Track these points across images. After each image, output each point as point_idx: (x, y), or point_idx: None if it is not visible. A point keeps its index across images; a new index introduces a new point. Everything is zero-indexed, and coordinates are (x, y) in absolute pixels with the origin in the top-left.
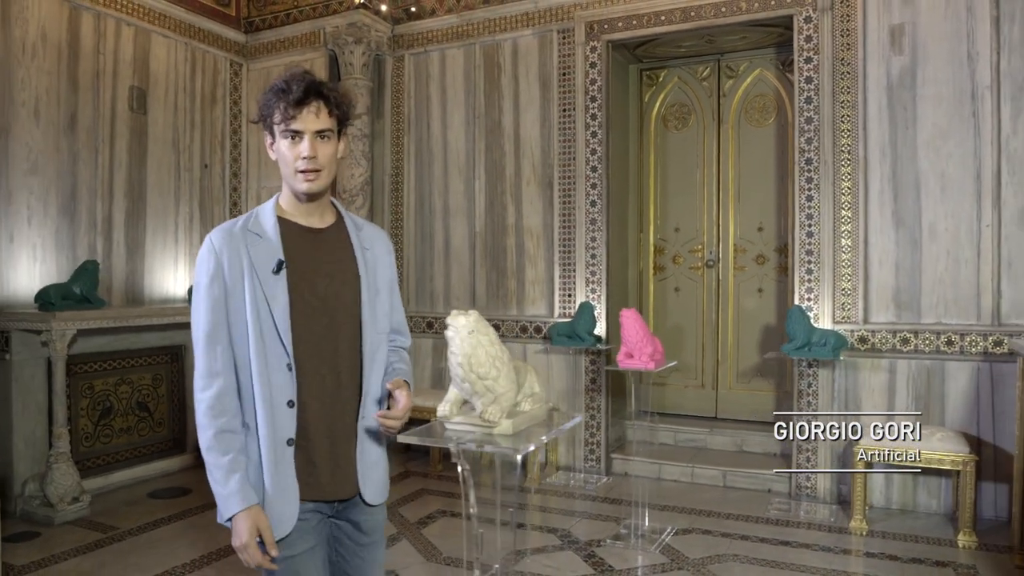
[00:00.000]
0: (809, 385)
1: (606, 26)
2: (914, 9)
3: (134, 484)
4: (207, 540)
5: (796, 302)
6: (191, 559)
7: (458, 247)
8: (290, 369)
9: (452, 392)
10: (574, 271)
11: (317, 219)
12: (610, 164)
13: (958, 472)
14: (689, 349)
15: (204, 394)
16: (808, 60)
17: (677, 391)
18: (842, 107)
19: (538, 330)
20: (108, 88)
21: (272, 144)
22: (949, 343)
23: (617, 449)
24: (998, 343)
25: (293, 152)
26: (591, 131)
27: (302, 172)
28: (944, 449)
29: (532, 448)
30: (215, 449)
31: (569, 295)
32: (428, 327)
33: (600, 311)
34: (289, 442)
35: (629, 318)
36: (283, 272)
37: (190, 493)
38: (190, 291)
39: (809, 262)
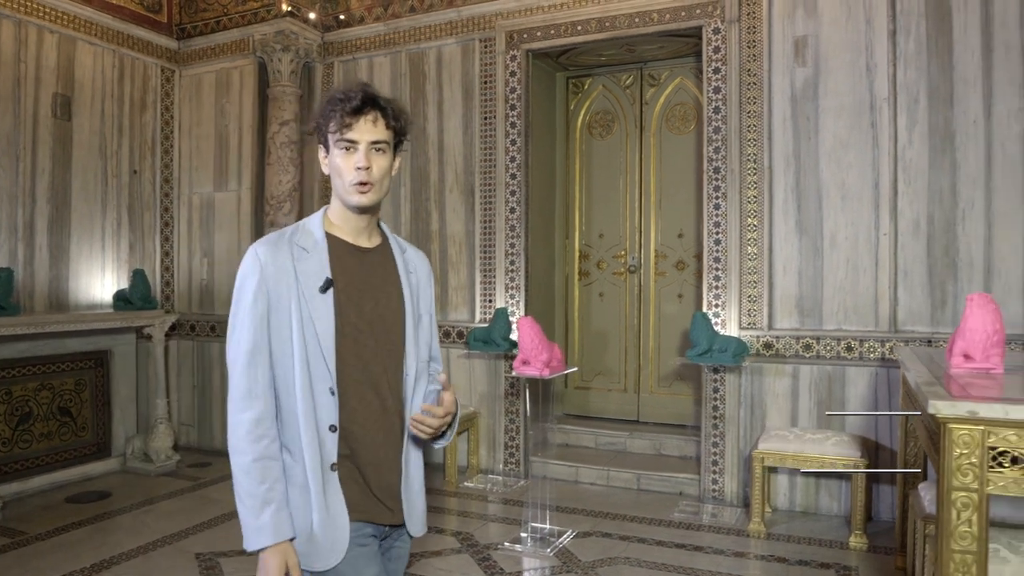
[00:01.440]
0: (716, 390)
1: (525, 35)
2: (817, 22)
3: (53, 489)
4: (113, 544)
5: (704, 308)
6: (92, 563)
7: None
8: (332, 393)
9: None
10: (494, 277)
11: (365, 238)
12: (530, 171)
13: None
14: (613, 354)
15: (243, 416)
16: (716, 71)
17: (601, 395)
18: (749, 117)
19: (460, 335)
20: (30, 95)
21: (325, 157)
22: (849, 349)
23: (537, 452)
24: (892, 349)
25: (347, 163)
26: (511, 139)
27: (355, 184)
28: (837, 453)
29: None
30: (252, 476)
31: (490, 300)
32: None
33: (518, 317)
34: (332, 467)
35: (525, 326)
36: (330, 291)
37: (109, 497)
38: (118, 295)
39: (717, 269)
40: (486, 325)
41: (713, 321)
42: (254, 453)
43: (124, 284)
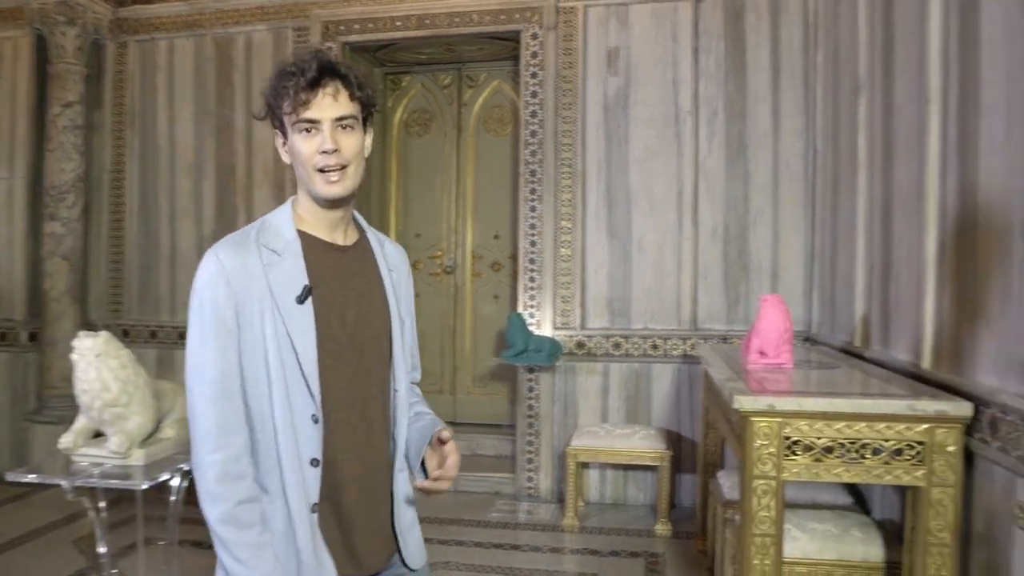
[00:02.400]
0: (531, 389)
1: (342, 27)
2: (628, 34)
3: None
4: None
5: (520, 309)
6: None
7: (185, 251)
8: (315, 421)
9: (80, 421)
10: None
11: (342, 234)
12: None
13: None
14: (430, 355)
15: (214, 456)
16: (534, 75)
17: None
18: (564, 122)
19: None
20: None
21: (284, 144)
22: (655, 347)
23: None
24: (694, 346)
25: (309, 147)
26: None
27: (322, 172)
28: (644, 447)
29: (166, 478)
30: (236, 523)
31: None
32: (152, 336)
33: None
34: (313, 508)
35: None
36: (309, 301)
37: None
38: None
39: (532, 270)
40: None
41: (528, 321)
42: (235, 497)
43: None
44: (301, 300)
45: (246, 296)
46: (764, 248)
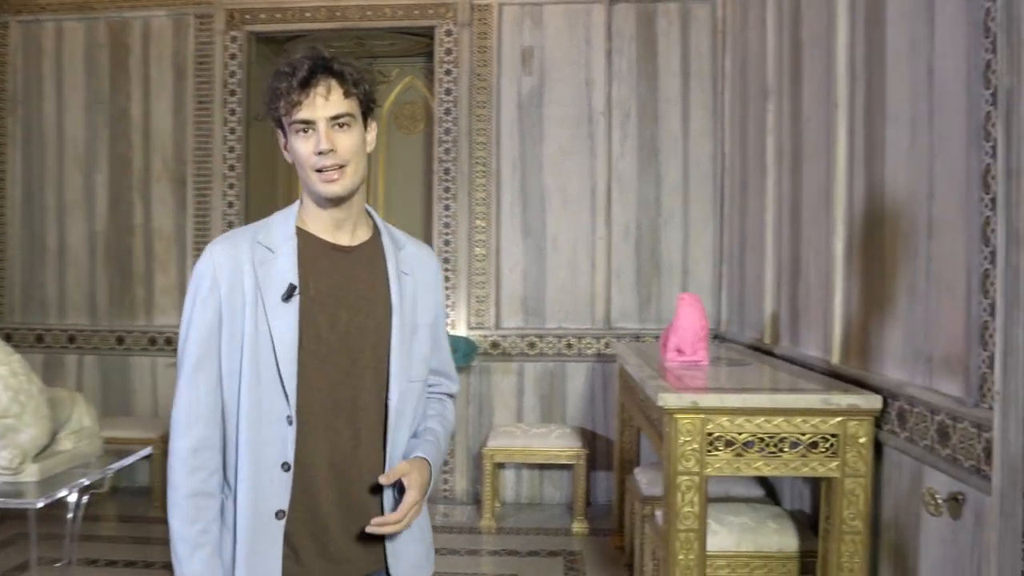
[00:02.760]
0: None
1: (248, 16)
2: (542, 34)
3: None
4: None
5: None
6: None
7: (76, 249)
8: (290, 423)
9: None
10: None
11: (347, 234)
12: (251, 163)
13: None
14: None
15: (180, 443)
16: (448, 72)
17: None
18: (479, 120)
19: (169, 342)
20: None
21: (285, 145)
22: (569, 346)
23: None
24: (607, 345)
25: (306, 148)
26: (230, 127)
27: (319, 171)
28: (560, 446)
29: (63, 495)
30: (183, 515)
31: None
32: (38, 340)
33: None
34: (279, 514)
35: None
36: (295, 300)
37: None
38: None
39: (447, 269)
40: None
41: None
42: (187, 487)
43: None
44: (285, 298)
45: (231, 291)
46: (675, 248)
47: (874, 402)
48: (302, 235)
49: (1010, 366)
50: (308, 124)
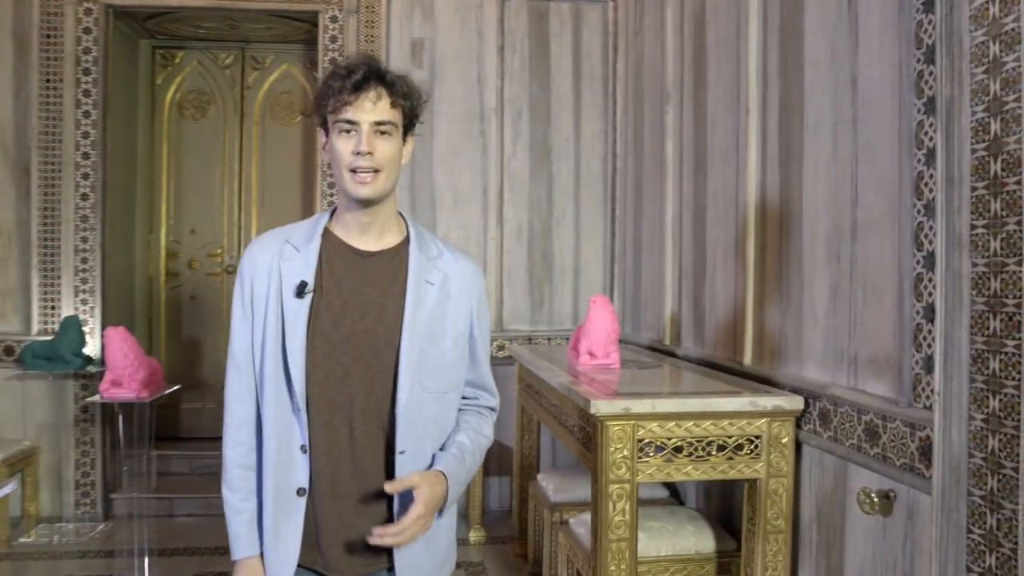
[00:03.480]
0: None
1: None
2: (433, 26)
3: None
4: None
5: None
6: None
7: None
8: (296, 410)
9: None
10: (59, 278)
11: (373, 239)
12: (108, 151)
13: None
14: (207, 364)
15: (227, 419)
16: (333, 61)
17: (193, 412)
18: None
19: (9, 351)
20: None
21: (325, 143)
22: None
23: (118, 488)
24: (500, 347)
25: (346, 147)
26: (83, 110)
27: (354, 171)
28: None
29: None
30: (225, 483)
31: (52, 307)
32: None
33: (93, 326)
34: (300, 491)
35: (115, 339)
36: (307, 298)
37: None
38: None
39: None
40: (49, 338)
41: None
42: (229, 460)
43: None
44: (297, 294)
45: (260, 285)
46: (567, 249)
47: (797, 403)
48: (328, 236)
49: (951, 368)
50: (353, 125)
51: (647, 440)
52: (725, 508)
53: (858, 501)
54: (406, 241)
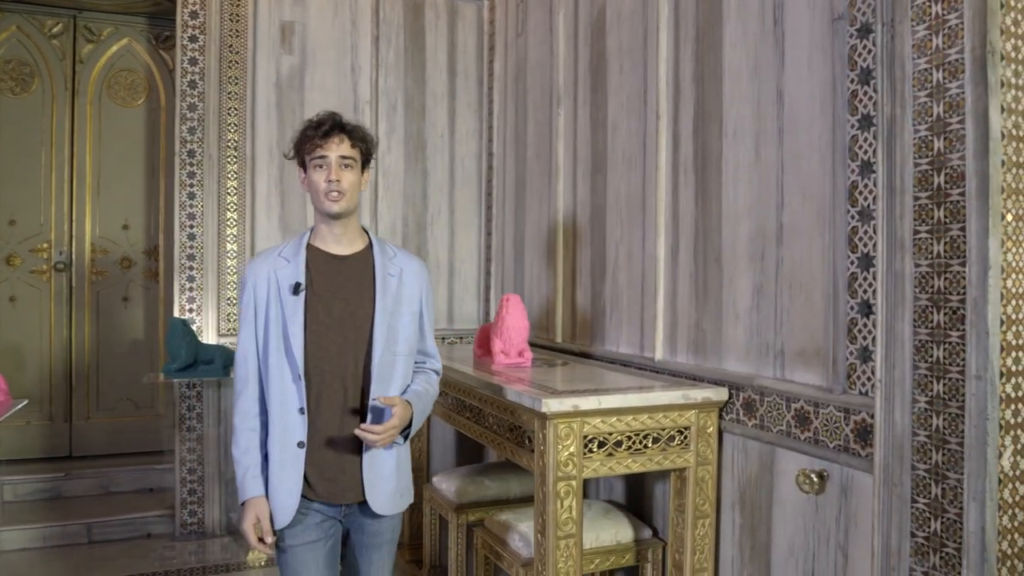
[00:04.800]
0: (191, 408)
1: None
2: (305, 10)
3: None
4: None
5: (177, 313)
6: None
7: None
8: (298, 379)
9: None
10: None
11: (345, 246)
12: None
13: None
14: (32, 374)
15: (237, 400)
16: (194, 39)
17: (16, 430)
18: (230, 99)
19: None
20: None
21: (304, 178)
22: None
23: None
24: None
25: (320, 177)
26: None
27: (327, 194)
28: None
29: None
30: (237, 443)
31: None
32: None
33: None
34: (300, 444)
35: None
36: (301, 294)
37: None
38: None
39: (191, 268)
40: None
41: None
42: (239, 426)
43: None
44: (293, 293)
45: (262, 290)
46: (442, 246)
47: (722, 394)
48: (311, 249)
49: (893, 357)
50: (324, 159)
51: (591, 436)
52: (632, 499)
53: (797, 482)
54: (370, 246)
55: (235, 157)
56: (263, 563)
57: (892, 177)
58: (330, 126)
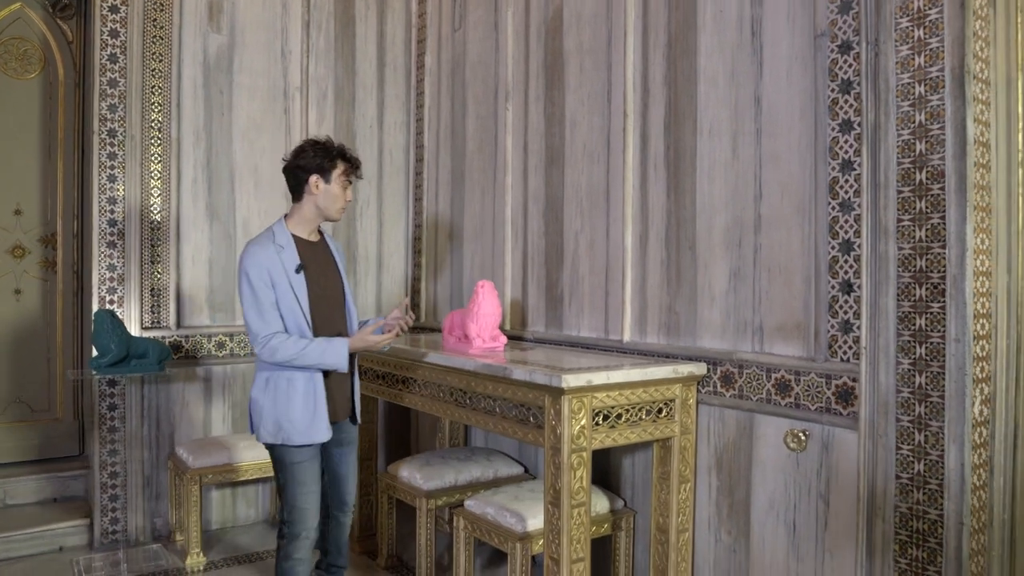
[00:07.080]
0: (113, 407)
1: None
2: None
3: None
4: None
5: (97, 305)
6: None
7: None
8: (310, 329)
9: None
10: None
11: (314, 235)
12: None
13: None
14: None
15: (261, 335)
16: (115, 9)
17: None
18: (154, 76)
19: None
20: None
21: (318, 182)
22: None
23: None
24: None
25: (344, 194)
26: None
27: (341, 208)
28: (255, 458)
29: None
30: (295, 345)
31: None
32: None
33: None
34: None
35: None
36: (301, 273)
37: None
38: None
39: (113, 256)
40: None
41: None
42: (278, 339)
43: None
44: (297, 272)
45: (272, 268)
46: (370, 239)
47: (702, 369)
48: (294, 237)
49: (878, 327)
50: (350, 184)
51: (598, 410)
52: (599, 472)
53: (784, 442)
54: (322, 235)
55: (159, 139)
56: (202, 568)
57: (876, 174)
58: (358, 159)
